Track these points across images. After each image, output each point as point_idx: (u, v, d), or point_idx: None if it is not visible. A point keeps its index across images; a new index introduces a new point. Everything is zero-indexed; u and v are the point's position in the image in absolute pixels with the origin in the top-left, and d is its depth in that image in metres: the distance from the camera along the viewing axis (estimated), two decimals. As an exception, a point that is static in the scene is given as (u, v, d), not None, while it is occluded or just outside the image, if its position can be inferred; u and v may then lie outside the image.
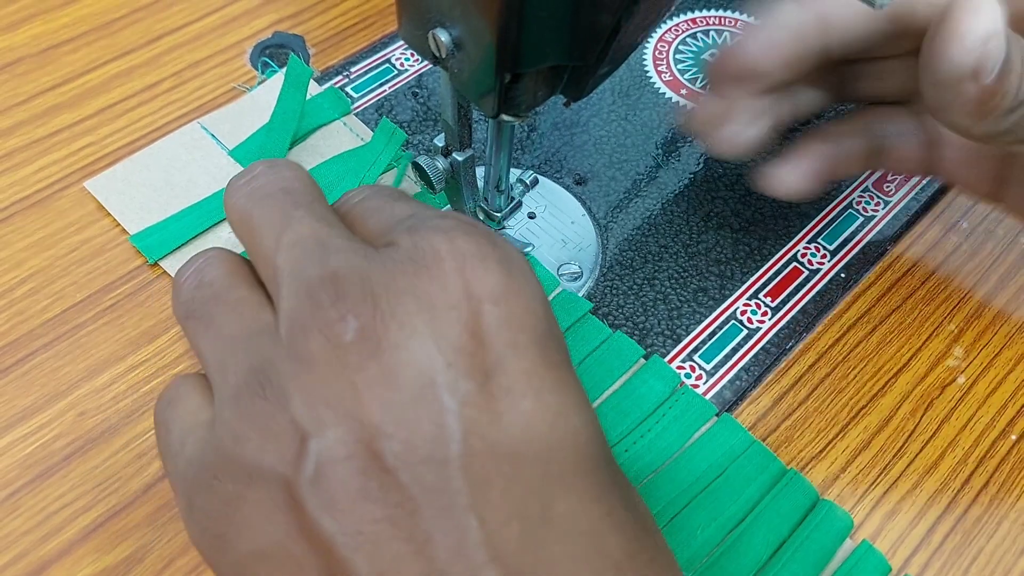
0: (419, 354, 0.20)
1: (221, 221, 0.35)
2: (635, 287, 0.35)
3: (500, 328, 0.21)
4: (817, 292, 0.36)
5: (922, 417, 0.33)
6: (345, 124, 0.39)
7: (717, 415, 0.32)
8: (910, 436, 0.32)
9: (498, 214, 0.34)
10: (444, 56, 0.26)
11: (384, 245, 0.23)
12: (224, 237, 0.35)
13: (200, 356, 0.23)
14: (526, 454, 0.20)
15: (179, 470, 0.23)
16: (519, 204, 0.35)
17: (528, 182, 0.35)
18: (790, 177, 0.33)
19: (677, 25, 0.45)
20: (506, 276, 0.21)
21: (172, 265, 0.34)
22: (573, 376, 0.22)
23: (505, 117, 0.27)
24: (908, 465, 0.32)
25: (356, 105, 0.40)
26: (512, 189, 0.34)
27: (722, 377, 0.33)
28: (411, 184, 0.37)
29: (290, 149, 0.37)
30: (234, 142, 0.38)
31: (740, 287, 0.36)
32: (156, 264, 0.34)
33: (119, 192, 0.36)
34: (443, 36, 0.25)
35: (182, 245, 0.34)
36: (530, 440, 0.20)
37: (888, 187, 0.39)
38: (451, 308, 0.21)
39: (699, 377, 0.33)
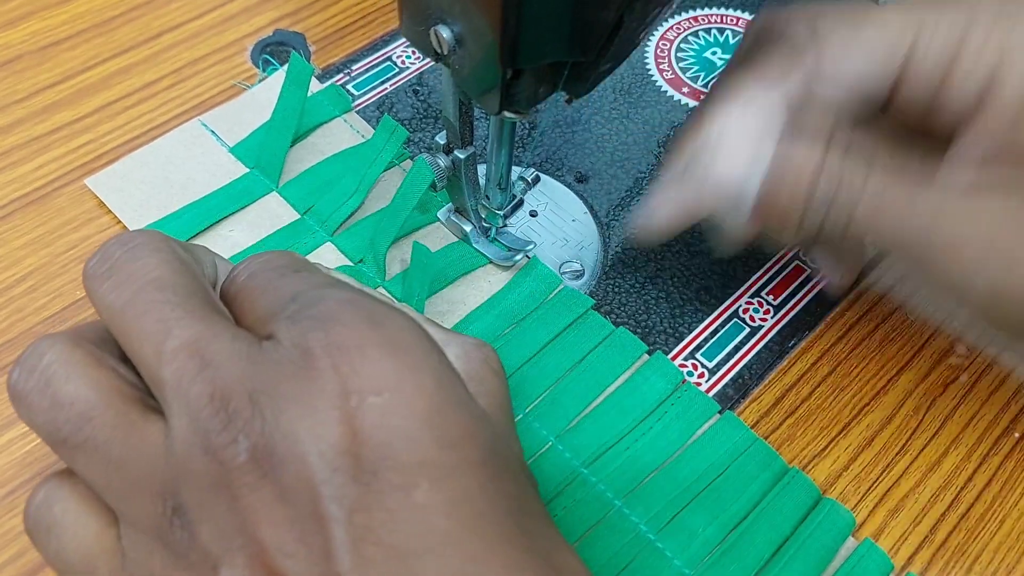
0: (305, 465, 0.19)
1: (221, 219, 0.35)
2: (637, 285, 0.35)
3: (384, 420, 0.20)
4: (819, 290, 0.35)
5: (925, 415, 0.33)
6: (346, 122, 0.39)
7: (719, 413, 0.32)
8: (913, 434, 0.32)
9: (500, 212, 0.34)
10: (445, 53, 0.26)
11: (267, 336, 0.22)
12: (225, 234, 0.35)
13: (86, 480, 0.22)
14: (428, 547, 0.19)
15: None
16: (521, 202, 0.35)
17: (529, 179, 0.35)
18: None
19: (679, 23, 0.45)
20: (389, 362, 0.20)
21: (172, 263, 0.34)
22: (476, 447, 0.21)
23: (506, 114, 0.27)
24: (911, 463, 0.31)
25: (357, 103, 0.40)
26: (513, 187, 0.34)
27: (724, 375, 0.33)
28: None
29: (291, 147, 0.37)
30: (235, 139, 0.37)
31: (742, 285, 0.35)
32: (156, 262, 0.34)
33: (119, 189, 0.36)
34: (444, 32, 0.25)
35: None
36: (429, 532, 0.19)
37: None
38: (331, 409, 0.20)
39: (701, 375, 0.33)
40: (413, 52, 0.42)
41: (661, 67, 0.43)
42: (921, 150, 0.27)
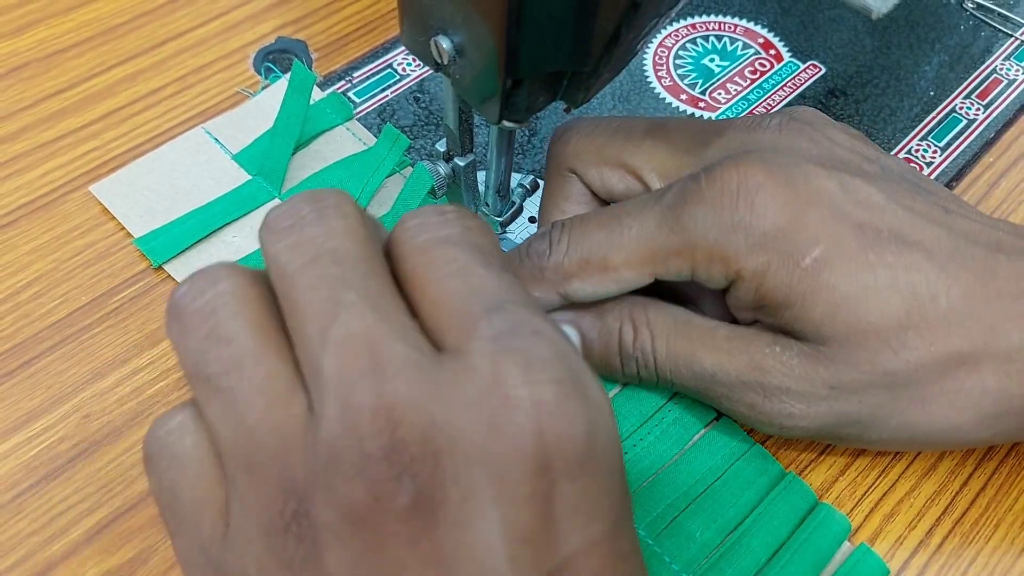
0: (482, 539, 0.17)
1: (225, 225, 0.35)
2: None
3: (575, 515, 0.18)
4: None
5: (920, 420, 0.33)
6: (348, 129, 0.39)
7: (716, 418, 0.32)
8: (908, 439, 0.32)
9: (499, 219, 0.34)
10: (446, 62, 0.26)
11: (455, 350, 0.19)
12: (228, 241, 0.35)
13: (212, 428, 0.20)
14: None
15: (192, 552, 0.20)
16: (520, 209, 0.35)
17: (528, 186, 0.35)
18: None
19: (677, 31, 0.45)
20: (586, 438, 0.18)
21: (176, 269, 0.34)
22: (639, 560, 0.20)
23: (506, 122, 0.27)
24: (906, 468, 0.32)
25: (358, 110, 0.40)
26: (513, 194, 0.35)
27: (722, 380, 0.33)
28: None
29: (293, 154, 0.37)
30: (238, 146, 0.38)
31: (740, 291, 0.36)
32: (160, 268, 0.34)
33: (123, 196, 0.36)
34: (445, 43, 0.26)
35: (186, 249, 0.35)
36: None
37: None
38: (523, 483, 0.17)
39: (699, 380, 0.33)
40: (414, 60, 0.42)
41: (659, 74, 0.43)
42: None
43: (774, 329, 0.28)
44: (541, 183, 0.38)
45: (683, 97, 0.42)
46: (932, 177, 0.40)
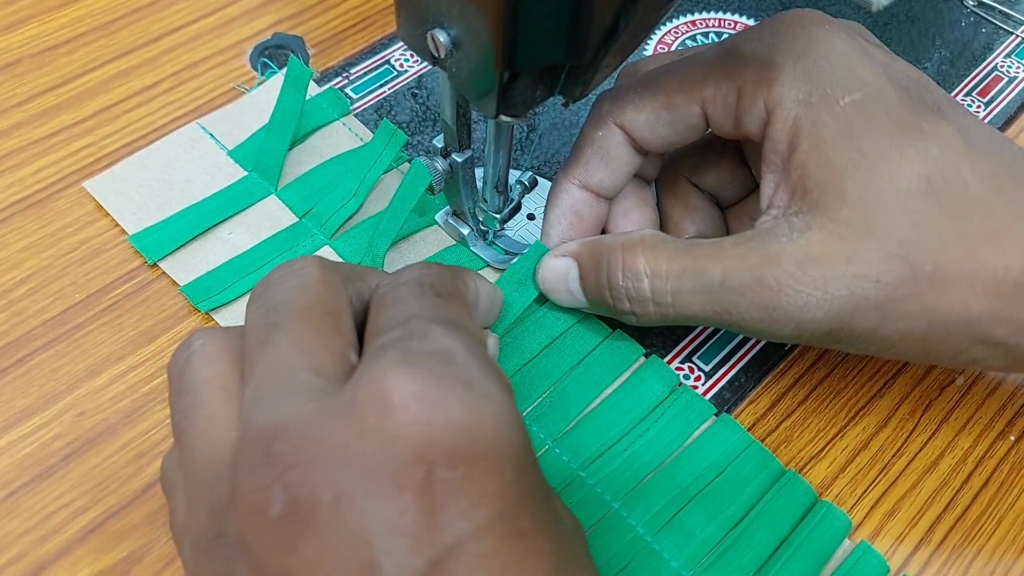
0: (356, 535, 0.17)
1: (220, 222, 0.35)
2: (634, 287, 0.35)
3: (457, 501, 0.18)
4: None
5: (921, 417, 0.33)
6: (344, 125, 0.39)
7: (716, 415, 0.32)
8: (909, 436, 0.32)
9: (497, 216, 0.34)
10: (443, 56, 0.26)
11: (354, 367, 0.21)
12: (223, 237, 0.35)
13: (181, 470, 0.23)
14: None
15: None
16: (518, 205, 0.35)
17: (527, 183, 0.35)
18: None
19: (677, 27, 0.45)
20: (465, 426, 0.18)
21: (171, 265, 0.34)
22: (547, 536, 0.20)
23: (504, 117, 0.27)
24: (907, 465, 0.32)
25: (355, 106, 0.40)
26: (511, 191, 0.34)
27: (721, 378, 0.33)
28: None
29: (289, 150, 0.37)
30: (233, 142, 0.38)
31: (739, 287, 0.35)
32: (155, 265, 0.34)
33: (118, 192, 0.36)
34: (441, 36, 0.25)
35: (182, 245, 0.34)
36: None
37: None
38: (397, 475, 0.18)
39: (698, 378, 0.33)
40: (411, 55, 0.42)
41: (659, 70, 0.43)
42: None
43: (783, 221, 0.28)
44: (540, 180, 0.38)
45: (682, 93, 0.42)
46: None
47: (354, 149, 0.37)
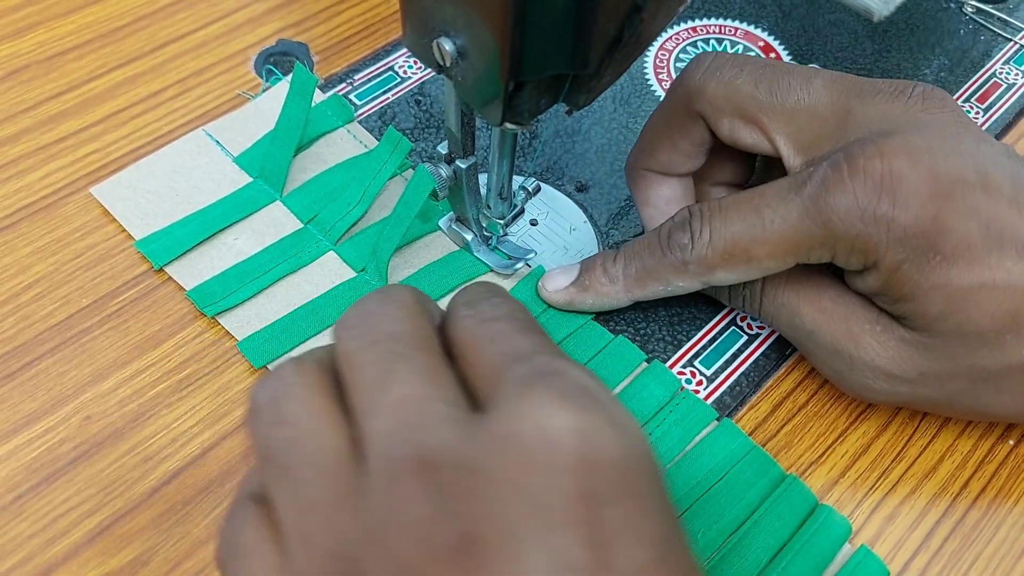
0: (531, 571, 0.17)
1: (226, 228, 0.35)
2: (636, 293, 0.35)
3: (621, 538, 0.18)
4: (816, 298, 0.36)
5: (920, 422, 0.33)
6: (348, 131, 0.39)
7: (717, 420, 0.32)
8: (908, 441, 0.32)
9: (501, 221, 0.35)
10: (448, 65, 0.26)
11: (488, 400, 0.20)
12: (229, 243, 0.35)
13: (273, 504, 0.21)
14: None
15: None
16: (521, 211, 0.35)
17: (530, 189, 0.35)
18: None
19: (677, 34, 0.45)
20: (623, 462, 0.19)
21: (177, 270, 0.34)
22: (690, 558, 0.20)
23: (508, 125, 0.27)
24: (907, 469, 0.32)
25: (359, 113, 0.40)
26: (514, 196, 0.35)
27: (722, 383, 0.33)
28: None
29: (294, 157, 0.37)
30: (239, 149, 0.38)
31: (740, 293, 0.36)
32: (161, 270, 0.34)
33: (124, 198, 0.36)
34: (447, 45, 0.26)
35: (187, 251, 0.35)
36: None
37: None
38: (566, 511, 0.18)
39: (699, 383, 0.33)
40: (415, 62, 0.42)
41: (660, 77, 0.43)
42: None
43: (879, 306, 0.29)
44: (543, 186, 0.38)
45: (683, 100, 0.42)
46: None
47: (359, 155, 0.38)
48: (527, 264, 0.35)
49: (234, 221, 0.36)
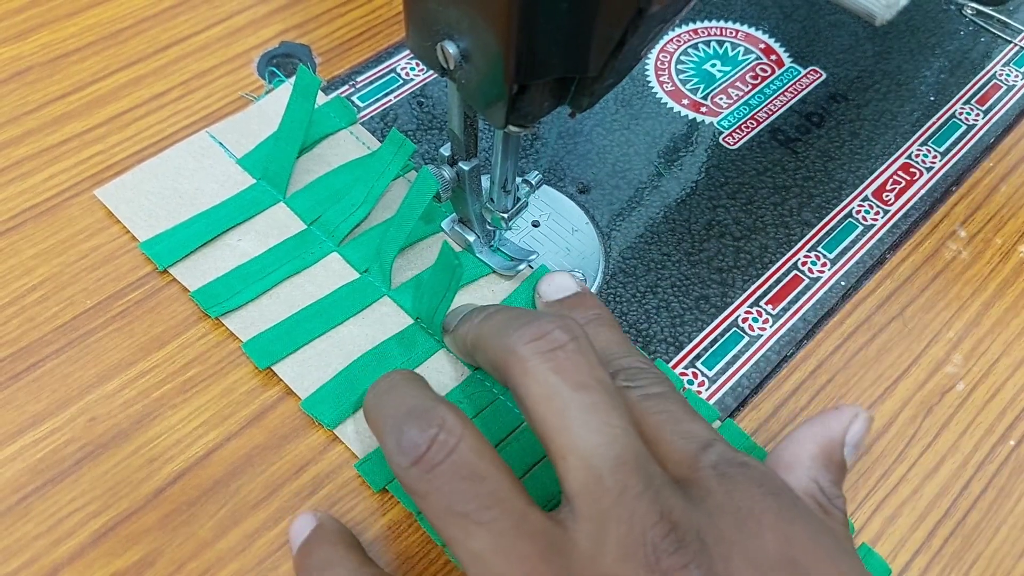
0: None
1: (229, 229, 0.35)
2: (638, 295, 0.36)
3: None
4: (817, 300, 0.36)
5: (922, 423, 0.33)
6: (351, 133, 0.39)
7: (720, 420, 0.32)
8: (910, 442, 0.33)
9: (504, 214, 0.35)
10: (452, 68, 0.26)
11: (682, 475, 0.23)
12: (232, 244, 0.35)
13: (475, 559, 0.22)
14: None
15: None
16: (525, 204, 0.35)
17: (533, 182, 0.35)
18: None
19: (679, 36, 0.45)
20: (814, 538, 0.23)
21: (181, 272, 0.34)
22: None
23: (512, 127, 0.27)
24: (908, 470, 0.32)
25: (362, 114, 0.40)
26: (518, 189, 0.35)
27: (724, 384, 0.33)
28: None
29: (297, 158, 0.37)
30: (242, 151, 0.38)
31: (741, 295, 0.36)
32: (165, 271, 0.34)
33: (128, 200, 0.36)
34: (451, 48, 0.26)
35: (191, 252, 0.35)
36: None
37: (887, 196, 0.40)
38: (776, 569, 0.22)
39: (701, 384, 0.33)
40: (417, 64, 0.43)
41: (661, 79, 0.43)
42: None
43: None
44: (545, 187, 0.38)
45: (684, 102, 0.42)
46: (931, 182, 0.40)
47: (362, 157, 0.38)
48: (529, 265, 0.35)
49: (238, 222, 0.36)
